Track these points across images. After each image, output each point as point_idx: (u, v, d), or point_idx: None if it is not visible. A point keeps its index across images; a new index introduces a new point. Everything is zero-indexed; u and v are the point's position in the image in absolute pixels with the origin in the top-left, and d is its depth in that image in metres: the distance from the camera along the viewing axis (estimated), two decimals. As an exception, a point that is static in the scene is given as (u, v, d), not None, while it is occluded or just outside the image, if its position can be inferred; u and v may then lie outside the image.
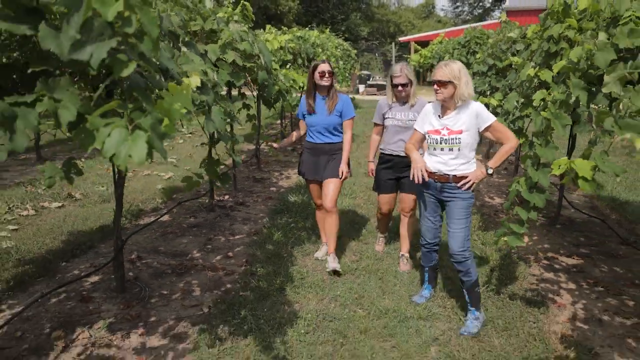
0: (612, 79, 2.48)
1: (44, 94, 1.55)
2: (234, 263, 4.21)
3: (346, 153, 4.08)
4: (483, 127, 3.15)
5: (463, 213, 3.22)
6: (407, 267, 4.15)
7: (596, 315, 3.44)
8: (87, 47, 1.33)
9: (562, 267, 4.28)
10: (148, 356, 2.84)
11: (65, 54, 1.42)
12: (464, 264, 3.17)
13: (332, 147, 4.08)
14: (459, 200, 3.22)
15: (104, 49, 1.31)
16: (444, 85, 3.08)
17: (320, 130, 4.05)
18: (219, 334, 3.05)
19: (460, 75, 3.07)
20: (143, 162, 1.27)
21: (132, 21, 1.34)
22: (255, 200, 6.15)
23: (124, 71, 1.35)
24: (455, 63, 3.16)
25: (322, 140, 4.08)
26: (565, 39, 3.48)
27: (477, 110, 3.15)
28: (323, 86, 3.96)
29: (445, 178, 3.21)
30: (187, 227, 5.11)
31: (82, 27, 1.32)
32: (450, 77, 3.05)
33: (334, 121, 4.02)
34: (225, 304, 3.43)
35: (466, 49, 8.23)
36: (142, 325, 3.18)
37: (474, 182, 3.16)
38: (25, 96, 1.56)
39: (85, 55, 1.32)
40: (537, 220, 5.56)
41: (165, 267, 4.09)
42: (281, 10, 27.13)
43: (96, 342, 2.98)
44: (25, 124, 1.49)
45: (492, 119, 3.16)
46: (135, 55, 1.43)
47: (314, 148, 4.11)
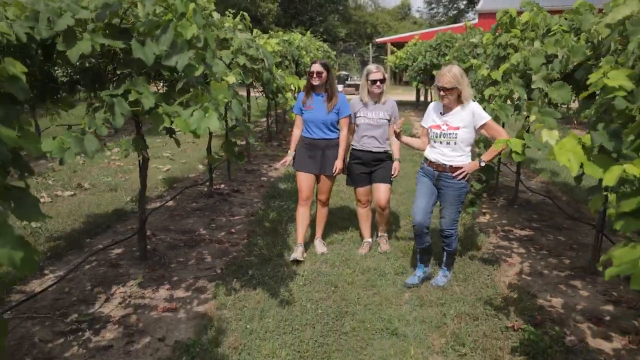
0: (539, 78, 3.25)
1: (130, 88, 2.23)
2: (237, 237, 4.89)
3: (342, 149, 4.28)
4: (479, 124, 3.52)
5: (455, 200, 3.64)
6: (387, 246, 4.50)
7: (538, 270, 4.23)
8: (173, 56, 2.02)
9: (515, 237, 5.07)
10: (177, 303, 3.51)
11: (150, 61, 2.11)
12: (450, 238, 3.75)
13: (328, 142, 4.27)
14: (452, 188, 3.62)
15: (186, 58, 2.00)
16: (449, 92, 3.44)
17: (319, 126, 4.24)
18: (232, 286, 3.73)
19: (462, 79, 3.43)
20: (216, 130, 1.96)
21: (202, 39, 2.03)
22: (248, 189, 6.83)
23: (195, 72, 2.04)
24: (456, 68, 3.49)
25: (319, 135, 4.26)
26: (511, 45, 4.26)
27: (474, 110, 3.53)
28: (315, 85, 4.18)
29: (442, 167, 3.61)
30: (191, 210, 5.76)
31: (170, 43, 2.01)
32: (455, 84, 3.40)
33: (331, 118, 4.21)
34: (234, 266, 4.11)
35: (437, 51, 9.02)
36: (167, 283, 3.85)
37: (467, 172, 3.57)
38: (116, 90, 2.24)
39: (172, 62, 2.02)
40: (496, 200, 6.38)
41: (177, 242, 4.74)
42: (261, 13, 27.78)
43: (132, 295, 3.63)
44: (120, 109, 2.17)
45: (487, 117, 3.53)
46: (200, 61, 2.12)
47: (311, 143, 4.29)
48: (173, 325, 3.21)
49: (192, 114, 1.98)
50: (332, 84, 4.24)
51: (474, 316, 3.37)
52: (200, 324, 3.20)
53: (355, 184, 4.45)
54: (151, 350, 2.92)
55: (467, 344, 3.02)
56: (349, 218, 5.45)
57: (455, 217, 3.70)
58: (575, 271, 4.20)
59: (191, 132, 2.01)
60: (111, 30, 2.14)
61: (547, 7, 4.67)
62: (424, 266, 3.92)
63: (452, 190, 3.63)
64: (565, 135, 2.04)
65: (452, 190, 3.63)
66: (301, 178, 4.35)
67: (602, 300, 3.69)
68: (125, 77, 2.28)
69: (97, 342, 3.00)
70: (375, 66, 4.25)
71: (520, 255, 4.57)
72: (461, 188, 3.63)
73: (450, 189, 3.63)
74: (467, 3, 54.63)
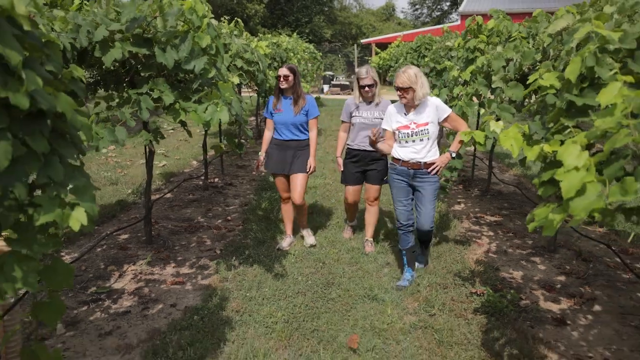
0: (497, 78, 3.76)
1: (153, 87, 2.69)
2: (232, 224, 5.36)
3: (313, 149, 4.43)
4: (442, 117, 3.68)
5: (433, 195, 3.74)
6: (371, 248, 4.56)
7: (503, 249, 4.75)
8: (192, 61, 2.49)
9: (485, 222, 5.60)
10: (183, 278, 3.97)
11: (170, 65, 2.58)
12: (430, 234, 3.91)
13: (298, 143, 4.40)
14: (428, 184, 3.71)
15: (202, 63, 2.47)
16: (405, 91, 3.57)
17: (288, 127, 4.35)
18: (232, 263, 4.19)
19: (416, 79, 3.54)
20: (227, 122, 2.44)
21: (214, 47, 2.50)
22: (240, 182, 7.28)
23: (209, 75, 2.51)
24: (411, 69, 3.60)
25: (289, 137, 4.38)
26: (478, 49, 4.78)
27: (436, 104, 3.67)
28: (283, 88, 4.29)
29: (417, 165, 3.70)
30: (189, 201, 6.21)
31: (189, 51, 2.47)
32: (409, 83, 3.53)
33: (300, 120, 4.33)
34: (232, 247, 4.58)
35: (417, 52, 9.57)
36: (173, 262, 4.30)
37: (441, 166, 3.71)
38: (142, 88, 2.70)
39: (191, 66, 2.48)
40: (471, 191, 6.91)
41: (178, 228, 5.19)
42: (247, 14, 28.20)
43: (142, 272, 4.08)
44: (146, 104, 2.63)
45: (448, 110, 3.70)
46: (212, 65, 2.59)
47: (282, 144, 4.40)
48: (182, 294, 3.68)
49: (206, 108, 2.44)
50: (297, 86, 4.31)
51: (444, 285, 3.88)
52: (205, 293, 3.67)
53: (347, 182, 4.56)
54: (165, 314, 3.38)
55: (436, 306, 3.52)
56: (335, 207, 5.93)
57: (433, 213, 3.82)
58: (536, 250, 4.73)
59: (204, 123, 2.48)
60: (136, 39, 2.59)
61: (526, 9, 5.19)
62: (412, 269, 3.99)
63: (428, 186, 3.73)
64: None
65: (429, 185, 3.73)
66: (277, 180, 4.55)
67: (556, 272, 4.23)
68: (147, 78, 2.73)
69: (116, 309, 3.45)
70: (366, 70, 4.27)
71: (489, 237, 5.10)
72: (435, 182, 3.77)
73: (427, 185, 3.74)
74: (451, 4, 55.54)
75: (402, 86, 3.53)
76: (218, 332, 3.10)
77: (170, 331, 3.11)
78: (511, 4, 27.76)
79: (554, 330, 3.29)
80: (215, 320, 3.25)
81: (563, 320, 3.39)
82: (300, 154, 4.40)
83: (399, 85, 3.57)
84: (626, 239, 4.98)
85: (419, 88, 3.54)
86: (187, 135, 11.14)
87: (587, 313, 3.52)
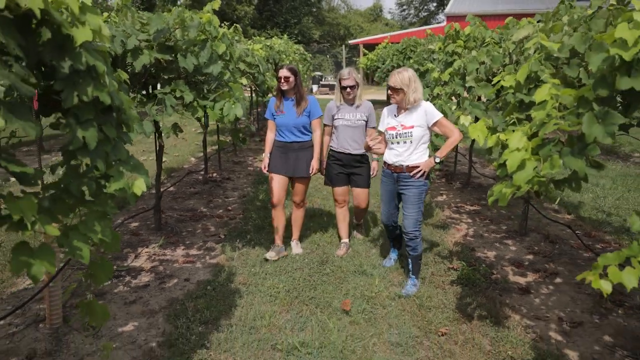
0: (471, 79, 4.27)
1: (175, 88, 3.16)
2: (233, 213, 5.82)
3: (317, 150, 4.37)
4: (432, 122, 3.67)
5: (416, 199, 3.70)
6: (361, 234, 4.86)
7: (480, 233, 5.28)
8: (210, 66, 2.96)
9: (465, 211, 6.12)
10: (193, 258, 4.43)
11: (191, 69, 3.05)
12: (414, 241, 3.76)
13: (301, 145, 4.34)
14: (412, 187, 3.69)
15: (219, 67, 2.94)
16: (396, 92, 3.61)
17: (290, 129, 4.29)
18: (236, 245, 4.67)
19: (409, 83, 3.56)
20: (241, 116, 2.91)
21: (228, 53, 2.98)
22: (237, 177, 7.75)
23: (225, 77, 2.98)
24: (408, 72, 3.62)
25: (292, 139, 4.32)
26: (456, 53, 5.30)
27: (426, 109, 3.67)
28: (284, 90, 4.22)
29: (400, 169, 3.72)
30: (191, 194, 6.66)
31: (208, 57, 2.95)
32: (401, 85, 3.56)
33: (302, 121, 4.27)
34: (235, 232, 5.05)
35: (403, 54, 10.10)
36: (182, 245, 4.76)
37: (424, 170, 3.68)
38: (165, 88, 3.17)
39: (210, 70, 2.95)
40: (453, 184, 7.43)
41: (184, 217, 5.65)
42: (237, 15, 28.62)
43: (156, 254, 4.54)
44: (170, 102, 3.09)
45: (438, 115, 3.67)
46: (227, 69, 3.06)
47: (284, 146, 4.34)
48: (193, 271, 4.14)
49: (224, 105, 2.90)
50: (300, 87, 4.27)
51: (425, 262, 4.38)
52: (214, 269, 4.14)
53: (333, 184, 4.51)
54: (180, 287, 3.85)
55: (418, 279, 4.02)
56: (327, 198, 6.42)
57: (418, 217, 3.74)
58: (509, 234, 5.26)
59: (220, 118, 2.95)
60: (161, 47, 3.05)
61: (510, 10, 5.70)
62: (397, 250, 4.27)
63: (412, 189, 3.71)
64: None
65: (413, 189, 3.71)
66: (274, 181, 4.40)
67: (525, 252, 4.75)
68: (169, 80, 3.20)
69: (136, 283, 3.91)
70: (348, 71, 4.25)
71: (467, 224, 5.62)
72: (421, 186, 3.72)
73: (410, 188, 3.72)
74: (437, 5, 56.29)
75: (394, 86, 3.59)
76: (229, 300, 3.57)
77: (187, 299, 3.58)
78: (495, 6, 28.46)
79: (519, 297, 3.80)
80: (225, 290, 3.73)
81: (527, 289, 3.91)
82: (303, 156, 4.36)
83: (390, 85, 3.63)
84: (591, 225, 5.53)
85: (410, 92, 3.58)
86: (183, 135, 11.58)
87: (549, 284, 4.05)
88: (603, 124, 1.88)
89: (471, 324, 3.36)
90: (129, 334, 3.14)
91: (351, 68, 4.39)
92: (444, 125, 3.69)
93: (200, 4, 28.22)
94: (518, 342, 3.11)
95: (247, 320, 3.29)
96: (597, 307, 3.62)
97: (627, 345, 3.11)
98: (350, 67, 4.49)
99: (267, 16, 34.29)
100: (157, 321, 3.31)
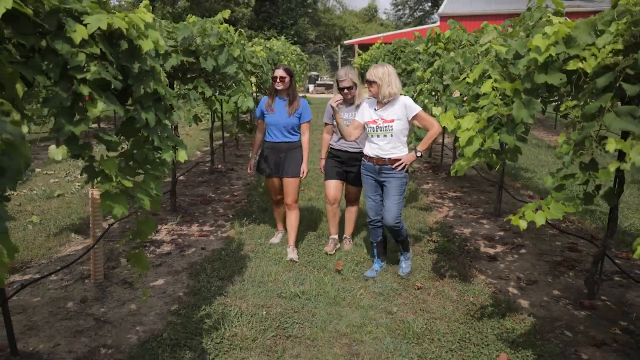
0: (447, 77, 4.95)
1: (197, 85, 3.81)
2: (238, 197, 6.48)
3: (306, 154, 4.45)
4: (411, 115, 3.74)
5: (397, 190, 3.79)
6: (349, 245, 4.73)
7: (459, 215, 5.95)
8: (228, 67, 3.62)
9: (448, 197, 6.80)
10: (207, 232, 5.09)
11: (210, 69, 3.71)
12: (398, 232, 3.89)
13: (290, 145, 4.40)
14: (394, 179, 3.79)
15: (234, 68, 3.60)
16: (370, 84, 3.75)
17: (280, 129, 4.35)
18: (243, 222, 5.33)
19: (382, 77, 3.66)
20: (252, 109, 3.57)
21: (242, 55, 3.63)
22: (240, 168, 8.41)
23: (238, 77, 3.64)
24: (383, 67, 3.72)
25: (280, 139, 4.38)
26: (437, 54, 5.97)
27: (405, 102, 3.75)
28: (278, 89, 4.28)
29: (382, 161, 3.78)
30: (199, 182, 7.32)
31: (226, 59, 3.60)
32: (375, 78, 3.69)
33: (292, 122, 4.34)
34: (242, 213, 5.71)
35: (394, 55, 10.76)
36: (196, 223, 5.41)
37: (406, 163, 3.76)
38: (189, 85, 3.83)
39: (227, 70, 3.61)
40: (439, 174, 8.11)
41: (195, 201, 6.30)
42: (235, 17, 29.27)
43: (173, 230, 5.19)
44: (194, 96, 3.75)
45: (417, 109, 3.75)
46: (240, 69, 3.72)
47: (273, 147, 4.41)
48: (208, 242, 4.80)
49: (237, 98, 3.55)
50: (294, 88, 4.35)
51: (408, 236, 5.05)
52: (226, 241, 4.80)
53: (326, 177, 4.58)
54: (198, 254, 4.50)
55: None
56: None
57: (399, 208, 3.83)
58: (485, 215, 5.94)
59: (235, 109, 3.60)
60: (185, 51, 3.70)
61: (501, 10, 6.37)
62: (381, 261, 4.19)
63: (393, 180, 3.81)
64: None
65: (394, 180, 3.80)
66: (268, 183, 4.60)
67: (498, 229, 5.43)
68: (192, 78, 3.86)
69: (160, 252, 4.56)
70: (344, 73, 4.25)
71: (448, 207, 6.30)
72: (402, 178, 3.81)
73: (392, 179, 3.81)
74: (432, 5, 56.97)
75: (368, 79, 3.74)
76: (240, 262, 4.24)
77: (205, 262, 4.24)
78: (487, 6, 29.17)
79: (486, 263, 4.48)
80: (237, 256, 4.39)
81: (495, 257, 4.59)
82: (292, 156, 4.42)
83: (366, 77, 3.78)
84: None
85: (384, 85, 3.67)
86: (187, 130, 12.25)
87: (514, 254, 4.72)
88: (527, 109, 2.56)
89: (443, 281, 4.03)
90: (159, 287, 3.80)
91: (348, 69, 4.33)
92: (423, 118, 3.78)
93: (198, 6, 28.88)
94: (480, 294, 3.79)
95: (256, 277, 3.95)
96: (553, 271, 4.30)
97: (571, 297, 3.78)
98: (346, 67, 4.44)
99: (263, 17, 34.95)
100: (182, 278, 3.97)
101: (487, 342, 3.09)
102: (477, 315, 3.45)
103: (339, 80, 4.22)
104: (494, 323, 3.33)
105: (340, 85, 4.21)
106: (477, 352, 2.99)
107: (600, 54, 2.26)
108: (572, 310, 3.56)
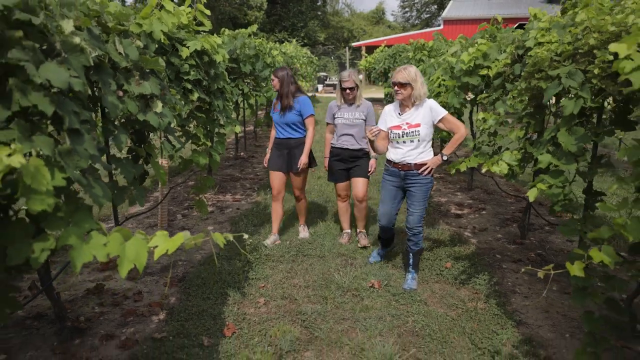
0: (425, 78, 6.37)
1: (238, 84, 5.28)
2: (261, 176, 7.94)
3: (307, 147, 4.58)
4: (437, 119, 3.62)
5: (423, 196, 3.73)
6: (365, 241, 4.77)
7: (439, 189, 7.36)
8: (263, 71, 5.06)
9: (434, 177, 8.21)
10: (239, 199, 6.55)
11: (247, 72, 5.18)
12: (417, 236, 3.81)
13: (295, 141, 4.61)
14: (419, 184, 3.71)
15: (267, 71, 5.05)
16: (403, 87, 3.55)
17: (282, 126, 4.60)
18: (267, 192, 6.78)
19: (416, 77, 3.55)
20: (279, 99, 5.03)
21: (273, 63, 5.08)
22: (260, 155, 9.88)
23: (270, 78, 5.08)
24: (412, 67, 3.62)
25: (285, 135, 4.62)
26: (422, 60, 7.38)
27: (431, 106, 3.65)
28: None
29: (408, 167, 3.69)
30: (226, 165, 8.79)
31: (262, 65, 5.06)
32: (409, 80, 3.53)
33: (291, 119, 4.55)
34: (265, 186, 7.16)
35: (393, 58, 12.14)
36: (229, 193, 6.88)
37: (432, 167, 3.68)
38: (231, 84, 5.30)
39: (262, 73, 5.06)
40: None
41: (225, 179, 7.76)
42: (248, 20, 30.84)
43: (212, 197, 6.65)
44: (236, 92, 5.20)
45: (443, 112, 3.63)
46: (271, 73, 5.16)
47: (280, 143, 4.66)
48: (241, 205, 6.26)
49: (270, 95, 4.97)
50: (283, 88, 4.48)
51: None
52: (255, 203, 6.27)
53: (335, 180, 4.72)
54: (234, 211, 5.96)
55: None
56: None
57: (422, 214, 3.77)
58: (461, 189, 7.35)
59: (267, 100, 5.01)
60: (230, 59, 5.13)
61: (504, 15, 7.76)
62: (386, 248, 4.36)
63: (419, 186, 3.72)
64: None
65: (420, 186, 3.72)
66: (272, 176, 4.77)
67: (467, 198, 6.84)
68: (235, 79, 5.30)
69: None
70: (348, 74, 4.37)
71: (432, 184, 7.71)
72: (427, 183, 3.72)
73: (417, 186, 3.72)
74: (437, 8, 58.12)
75: (401, 81, 3.54)
76: (267, 216, 5.70)
77: (241, 216, 5.71)
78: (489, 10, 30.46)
79: (452, 219, 5.90)
80: (264, 212, 5.86)
81: (460, 216, 6.00)
82: (297, 152, 4.60)
83: (398, 81, 3.56)
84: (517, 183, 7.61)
85: (418, 86, 3.56)
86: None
87: (476, 215, 6.13)
88: (457, 98, 3.99)
89: (417, 228, 5.46)
90: (209, 230, 5.27)
91: (351, 70, 4.49)
92: (449, 121, 3.65)
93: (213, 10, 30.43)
94: (441, 234, 5.21)
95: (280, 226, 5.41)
96: (501, 224, 5.71)
97: (509, 238, 5.19)
98: (350, 69, 4.60)
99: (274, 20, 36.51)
100: (225, 226, 5.44)
101: (440, 258, 4.52)
102: (435, 245, 4.88)
103: (342, 81, 4.37)
104: (447, 249, 4.76)
105: (343, 86, 4.38)
106: (431, 263, 4.42)
107: (498, 65, 3.69)
108: (506, 245, 4.98)
